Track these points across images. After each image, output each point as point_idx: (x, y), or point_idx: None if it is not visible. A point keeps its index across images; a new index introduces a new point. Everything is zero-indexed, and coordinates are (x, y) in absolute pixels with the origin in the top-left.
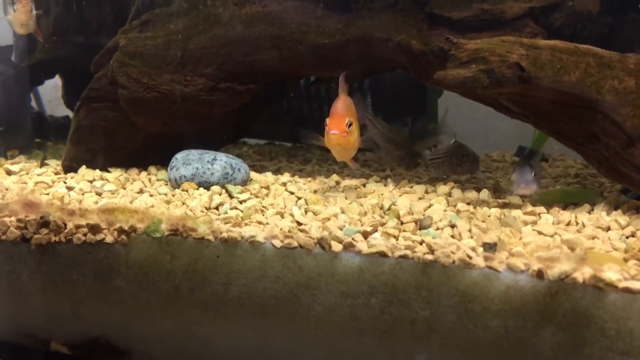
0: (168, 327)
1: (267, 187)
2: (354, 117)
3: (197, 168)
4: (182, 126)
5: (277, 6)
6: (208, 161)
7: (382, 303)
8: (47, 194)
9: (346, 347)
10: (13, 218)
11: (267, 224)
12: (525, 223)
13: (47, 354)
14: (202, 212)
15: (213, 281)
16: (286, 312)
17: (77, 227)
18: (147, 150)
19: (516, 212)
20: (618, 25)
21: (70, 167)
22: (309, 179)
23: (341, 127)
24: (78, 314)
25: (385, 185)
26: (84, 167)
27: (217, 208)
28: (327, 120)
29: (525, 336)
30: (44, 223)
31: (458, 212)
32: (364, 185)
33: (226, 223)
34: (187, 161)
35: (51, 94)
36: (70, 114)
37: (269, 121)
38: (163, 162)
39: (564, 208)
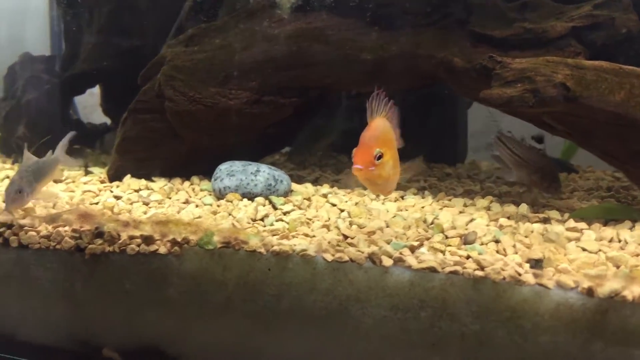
0: (219, 336)
1: (309, 199)
2: (388, 146)
3: (241, 179)
4: (226, 138)
5: (321, 23)
6: (251, 173)
7: (432, 317)
8: (96, 203)
9: None
10: (67, 228)
11: (314, 236)
12: (569, 239)
13: None
14: (249, 223)
15: (264, 293)
16: (336, 324)
17: (131, 238)
18: (190, 161)
19: (558, 228)
20: None
21: (115, 176)
22: (348, 190)
23: (367, 160)
24: (130, 322)
25: (423, 198)
26: (128, 176)
27: (262, 219)
28: (354, 151)
29: (574, 352)
30: (98, 234)
31: (501, 227)
32: (402, 198)
33: (273, 235)
34: (231, 172)
35: (86, 100)
36: (108, 121)
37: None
38: (205, 172)
39: (605, 224)
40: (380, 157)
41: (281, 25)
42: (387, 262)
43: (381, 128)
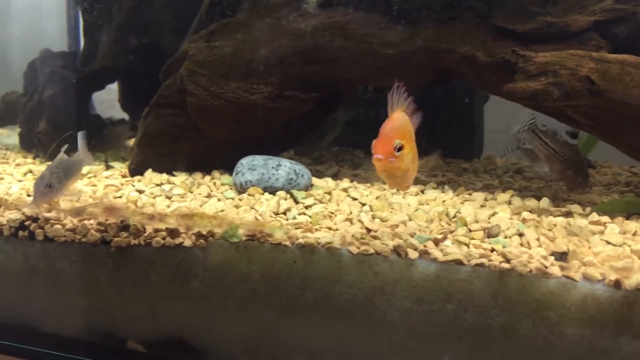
0: (243, 328)
1: (329, 193)
2: (408, 139)
3: (262, 173)
4: (247, 132)
5: (343, 17)
6: (273, 167)
7: (458, 309)
8: (120, 197)
9: (420, 352)
10: (93, 221)
11: (337, 229)
12: (592, 232)
13: (123, 352)
14: (271, 217)
15: (289, 285)
16: (361, 316)
17: (156, 230)
18: (210, 155)
19: (582, 222)
20: None
21: (136, 171)
22: (368, 184)
23: (387, 151)
24: (155, 314)
25: (443, 192)
26: (149, 170)
27: (284, 213)
28: (374, 142)
29: (601, 344)
30: (124, 227)
31: (524, 220)
32: (422, 192)
33: (297, 228)
34: (253, 167)
35: (103, 96)
36: (126, 116)
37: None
38: (225, 166)
39: (627, 218)
40: (400, 149)
41: (302, 20)
42: (413, 254)
43: (401, 120)
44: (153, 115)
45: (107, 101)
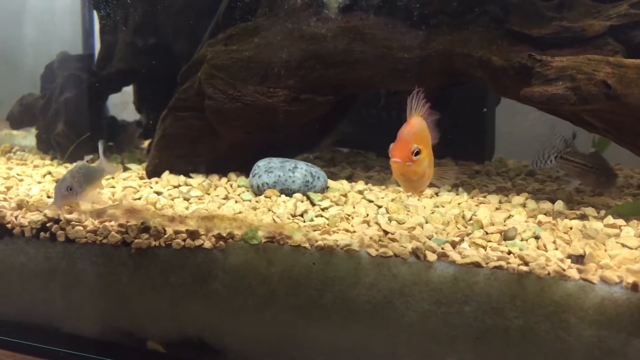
0: (262, 329)
1: (345, 195)
2: (424, 144)
3: (279, 176)
4: (263, 135)
5: (360, 22)
6: (289, 169)
7: (476, 311)
8: (138, 198)
9: (438, 353)
10: (114, 223)
11: (355, 232)
12: (608, 235)
13: (142, 352)
14: (289, 219)
15: (308, 287)
16: (380, 317)
17: (177, 232)
18: (227, 157)
19: (597, 224)
20: None
21: (154, 172)
22: (382, 187)
23: (405, 155)
24: (174, 315)
25: (457, 195)
26: (167, 172)
27: (301, 215)
28: (391, 146)
29: (617, 346)
30: (144, 228)
31: (539, 223)
32: (437, 194)
33: (315, 230)
34: (269, 169)
35: (116, 97)
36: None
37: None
38: (241, 168)
39: None
40: (417, 153)
41: (319, 25)
42: (431, 257)
43: (418, 125)
44: (171, 118)
45: (121, 103)
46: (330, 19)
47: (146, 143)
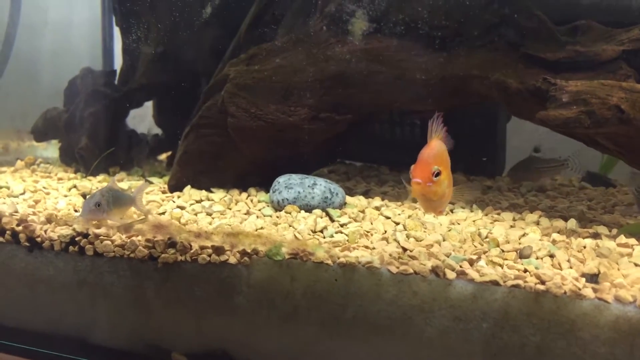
0: (285, 343)
1: (363, 211)
2: (444, 165)
3: (299, 192)
4: (284, 152)
5: (378, 44)
6: (309, 185)
7: (494, 328)
8: (162, 213)
9: None
10: (141, 238)
11: (374, 248)
12: (621, 255)
13: None
14: (309, 235)
15: (330, 302)
16: (400, 333)
17: (202, 248)
18: (248, 173)
19: (609, 243)
20: None
21: (176, 187)
22: (399, 203)
23: (425, 176)
24: (199, 328)
25: (472, 212)
26: (188, 187)
27: (321, 231)
28: (412, 167)
29: None
30: (171, 244)
31: (554, 242)
32: (452, 211)
33: (335, 247)
34: (289, 185)
35: (135, 111)
36: (160, 132)
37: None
38: (261, 184)
39: None
40: (438, 175)
41: (339, 47)
42: (451, 275)
43: (438, 148)
44: (194, 135)
45: (138, 116)
46: (349, 41)
47: (164, 156)
